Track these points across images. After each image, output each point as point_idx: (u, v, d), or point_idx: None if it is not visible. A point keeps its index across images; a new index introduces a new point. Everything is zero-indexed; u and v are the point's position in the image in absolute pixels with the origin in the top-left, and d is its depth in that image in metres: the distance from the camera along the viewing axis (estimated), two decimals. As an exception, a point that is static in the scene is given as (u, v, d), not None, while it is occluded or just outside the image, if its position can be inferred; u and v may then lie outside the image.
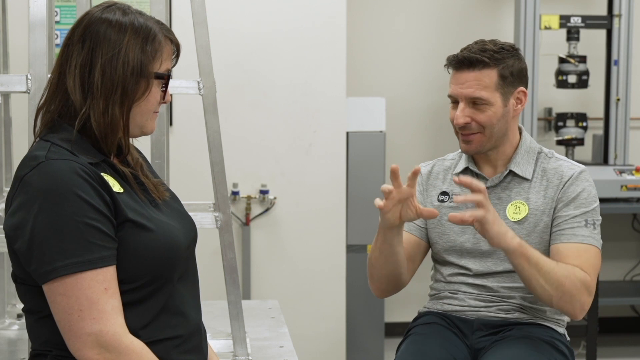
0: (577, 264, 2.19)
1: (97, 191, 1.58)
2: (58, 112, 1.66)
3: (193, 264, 1.80)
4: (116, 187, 1.64)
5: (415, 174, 2.07)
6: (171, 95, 1.81)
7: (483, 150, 2.33)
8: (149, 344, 1.63)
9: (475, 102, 2.27)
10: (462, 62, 2.28)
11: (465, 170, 2.39)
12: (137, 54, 1.64)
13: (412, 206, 2.11)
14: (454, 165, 2.43)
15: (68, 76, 1.64)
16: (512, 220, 2.29)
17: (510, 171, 2.33)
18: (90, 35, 1.63)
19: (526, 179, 2.32)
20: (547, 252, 2.26)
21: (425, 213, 2.12)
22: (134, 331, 1.61)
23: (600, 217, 2.29)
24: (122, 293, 1.61)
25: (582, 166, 2.35)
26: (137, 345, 1.59)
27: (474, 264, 2.33)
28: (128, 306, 1.62)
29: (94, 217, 1.56)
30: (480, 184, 2.10)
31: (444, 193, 2.40)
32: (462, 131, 2.31)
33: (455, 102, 2.32)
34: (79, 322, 1.54)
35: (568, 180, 2.29)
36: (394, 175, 2.07)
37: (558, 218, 2.27)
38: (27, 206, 1.55)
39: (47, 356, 1.64)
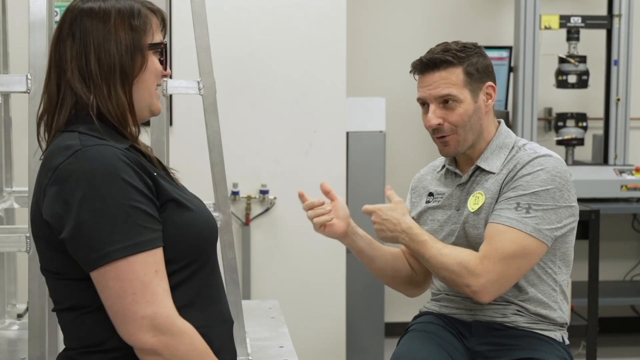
0: (482, 248, 2.20)
1: (138, 174, 1.58)
2: (71, 108, 1.66)
3: (216, 256, 1.80)
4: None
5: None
6: (170, 74, 1.82)
7: (462, 151, 2.33)
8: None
9: (445, 102, 2.28)
10: (426, 64, 2.29)
11: (443, 168, 2.44)
12: (127, 32, 1.67)
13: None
14: (441, 164, 2.48)
15: (67, 72, 1.66)
16: (471, 211, 2.29)
17: (478, 167, 2.33)
18: (78, 27, 1.66)
19: (492, 173, 2.30)
20: None
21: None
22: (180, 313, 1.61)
23: (547, 203, 2.18)
24: (169, 275, 1.60)
25: (544, 151, 2.27)
26: (189, 328, 1.59)
27: None
28: (174, 288, 1.61)
29: (140, 199, 1.56)
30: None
31: (430, 194, 2.44)
32: (436, 134, 2.32)
33: (424, 104, 2.33)
34: (133, 305, 1.53)
35: (520, 165, 2.25)
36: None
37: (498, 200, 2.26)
38: (69, 193, 1.54)
39: (93, 355, 1.61)
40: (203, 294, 1.68)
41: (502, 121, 2.39)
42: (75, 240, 1.54)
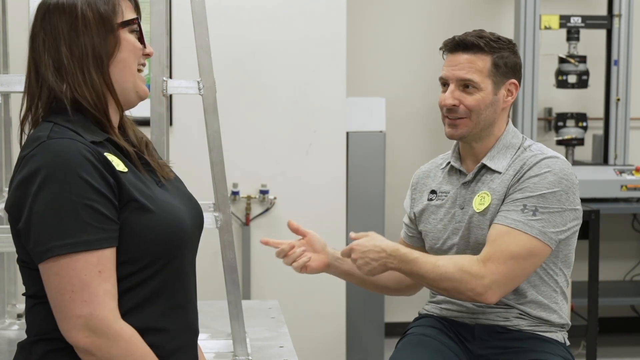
0: (485, 250, 2.18)
1: (99, 172, 1.57)
2: (50, 100, 1.66)
3: (194, 258, 1.78)
4: (120, 166, 1.63)
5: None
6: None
7: (468, 137, 2.30)
8: (143, 330, 1.61)
9: (465, 86, 2.27)
10: (458, 44, 2.28)
11: (447, 165, 2.41)
12: (95, 15, 1.65)
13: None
14: (445, 161, 2.44)
15: (41, 66, 1.65)
16: (477, 211, 2.27)
17: (484, 165, 2.32)
18: (48, 22, 1.65)
19: (498, 172, 2.29)
20: None
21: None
22: (129, 315, 1.60)
23: (553, 206, 2.18)
24: (125, 276, 1.60)
25: (550, 153, 2.27)
26: (127, 332, 1.58)
27: None
28: (127, 290, 1.61)
29: (94, 198, 1.55)
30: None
31: (433, 191, 2.41)
32: (449, 114, 2.30)
33: (445, 85, 2.32)
34: (69, 303, 1.54)
35: (527, 167, 2.24)
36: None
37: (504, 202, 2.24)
38: (27, 185, 1.55)
39: (40, 343, 1.63)
40: (163, 297, 1.66)
41: (510, 120, 2.38)
42: (26, 232, 1.56)
